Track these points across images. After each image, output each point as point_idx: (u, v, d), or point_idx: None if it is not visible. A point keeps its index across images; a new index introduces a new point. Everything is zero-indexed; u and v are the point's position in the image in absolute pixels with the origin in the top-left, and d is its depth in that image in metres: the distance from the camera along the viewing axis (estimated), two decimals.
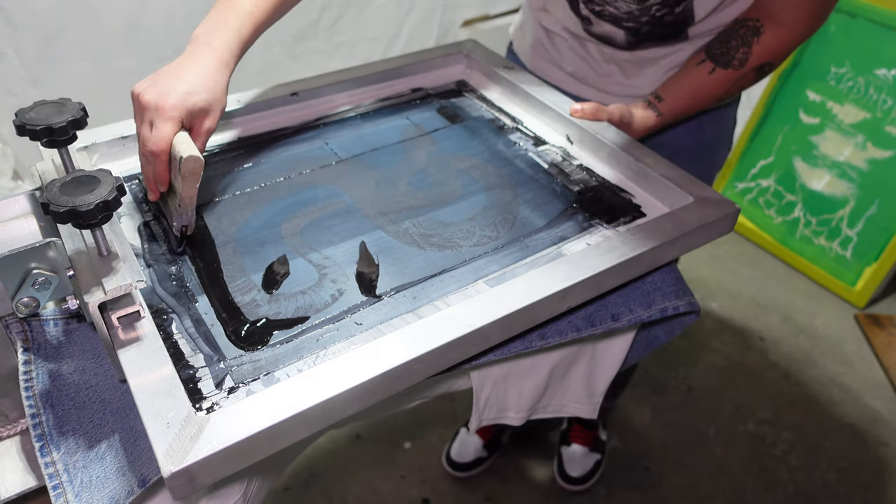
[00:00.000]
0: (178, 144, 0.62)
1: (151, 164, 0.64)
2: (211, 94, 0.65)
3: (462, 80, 0.98)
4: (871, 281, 1.92)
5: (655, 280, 0.72)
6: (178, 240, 0.66)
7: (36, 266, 0.49)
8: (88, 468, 0.50)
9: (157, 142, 0.62)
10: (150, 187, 0.67)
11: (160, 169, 0.64)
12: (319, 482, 1.47)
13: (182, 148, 0.61)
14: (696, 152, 1.01)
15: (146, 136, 0.63)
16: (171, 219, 0.67)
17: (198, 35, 0.69)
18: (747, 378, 1.75)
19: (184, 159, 0.60)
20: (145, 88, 0.64)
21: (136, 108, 0.65)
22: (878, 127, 1.88)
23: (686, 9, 0.83)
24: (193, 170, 0.61)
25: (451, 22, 2.07)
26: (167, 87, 0.63)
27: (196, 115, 0.65)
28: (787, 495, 1.50)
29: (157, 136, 0.62)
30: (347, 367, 0.51)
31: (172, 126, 0.62)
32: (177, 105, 0.62)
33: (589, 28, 0.91)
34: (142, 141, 0.64)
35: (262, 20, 0.71)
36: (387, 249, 0.68)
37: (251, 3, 0.70)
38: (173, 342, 0.57)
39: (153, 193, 0.68)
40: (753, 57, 0.84)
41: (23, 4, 1.39)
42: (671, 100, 0.86)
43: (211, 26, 0.69)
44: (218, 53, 0.67)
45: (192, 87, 0.64)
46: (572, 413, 0.85)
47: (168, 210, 0.67)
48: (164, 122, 0.62)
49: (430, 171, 0.79)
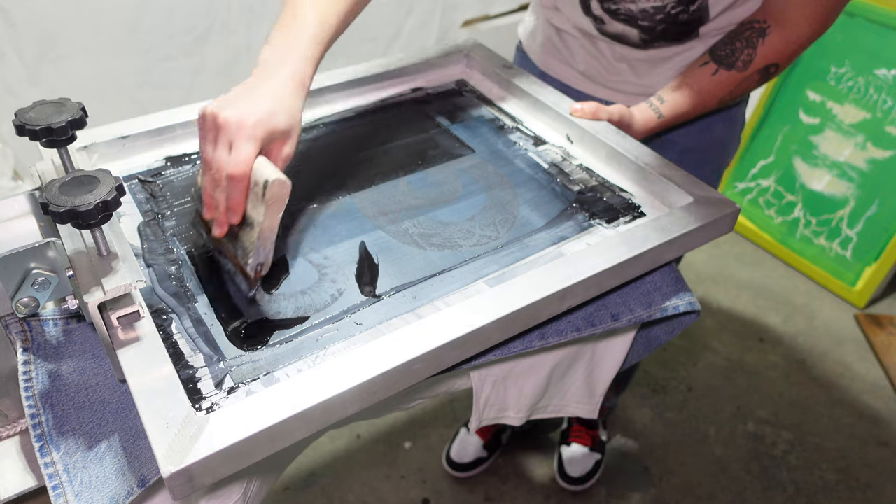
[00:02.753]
0: (258, 168, 0.56)
1: (226, 191, 0.57)
2: (291, 116, 0.60)
3: (462, 80, 0.98)
4: (871, 281, 1.93)
5: (655, 280, 0.72)
6: (252, 281, 0.57)
7: (36, 266, 0.49)
8: (88, 468, 0.50)
9: (238, 163, 0.55)
10: (218, 220, 0.59)
11: (238, 196, 0.56)
12: (319, 482, 1.47)
13: (265, 171, 0.55)
14: (706, 152, 1.01)
15: (223, 159, 0.56)
16: (242, 256, 0.57)
17: (267, 59, 0.63)
18: (747, 378, 1.75)
19: (270, 183, 0.53)
20: (221, 107, 0.57)
21: (208, 128, 0.58)
22: (878, 127, 1.88)
23: (701, 7, 0.83)
24: (280, 195, 0.54)
25: (451, 22, 2.07)
26: (247, 106, 0.57)
27: (277, 138, 0.59)
28: (787, 495, 1.50)
29: (239, 157, 0.55)
30: (347, 367, 0.51)
31: (255, 147, 0.56)
32: (259, 123, 0.57)
33: (602, 27, 0.91)
34: (217, 165, 0.57)
35: (331, 34, 0.67)
36: (387, 249, 0.68)
37: (318, 22, 0.65)
38: (173, 342, 0.57)
39: (221, 227, 0.59)
40: (758, 59, 0.84)
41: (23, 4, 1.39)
42: (673, 101, 0.86)
43: (280, 49, 0.63)
44: (293, 74, 0.61)
45: (273, 107, 0.58)
46: (572, 413, 0.85)
47: (237, 246, 0.58)
48: (245, 142, 0.56)
49: (430, 171, 0.79)
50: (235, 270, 0.59)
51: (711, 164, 1.03)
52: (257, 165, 0.56)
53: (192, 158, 0.78)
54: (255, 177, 0.56)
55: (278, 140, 0.59)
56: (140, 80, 1.63)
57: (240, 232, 0.58)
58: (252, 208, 0.57)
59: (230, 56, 1.72)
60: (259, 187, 0.55)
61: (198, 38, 1.65)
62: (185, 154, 0.79)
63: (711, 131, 0.99)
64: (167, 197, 0.73)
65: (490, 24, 2.14)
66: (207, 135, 0.59)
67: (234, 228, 0.59)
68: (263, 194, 0.54)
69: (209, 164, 0.58)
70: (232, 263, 0.59)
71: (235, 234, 0.59)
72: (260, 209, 0.55)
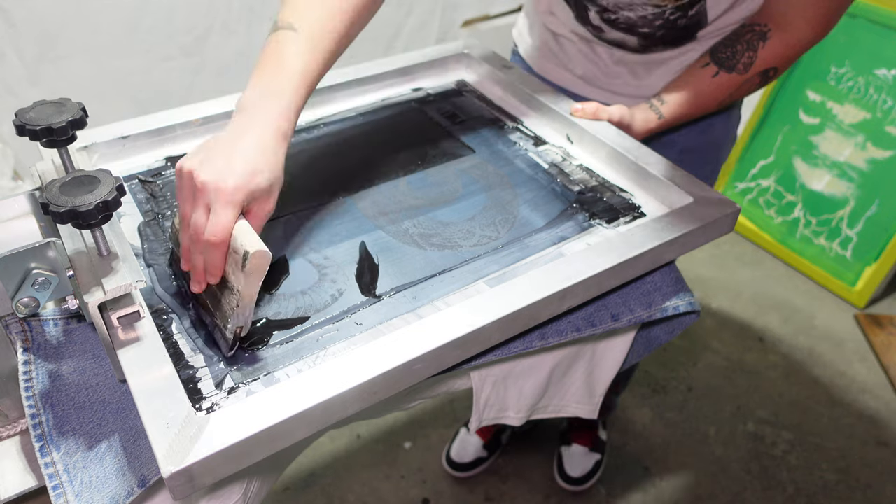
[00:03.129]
0: (239, 235, 0.53)
1: (204, 254, 0.55)
2: (272, 172, 0.56)
3: (462, 80, 0.98)
4: (871, 281, 1.93)
5: (655, 280, 0.72)
6: (231, 343, 0.55)
7: (36, 266, 0.49)
8: (88, 468, 0.50)
9: (216, 232, 0.53)
10: (196, 278, 0.57)
11: (217, 261, 0.54)
12: (319, 482, 1.47)
13: (246, 240, 0.53)
14: (706, 151, 1.01)
15: (200, 224, 0.54)
16: (221, 317, 0.56)
17: (246, 104, 0.59)
18: (747, 378, 1.75)
19: (250, 255, 0.51)
20: (198, 166, 0.54)
21: (185, 187, 0.55)
22: (878, 127, 1.88)
23: (699, 11, 0.83)
24: (260, 266, 0.52)
25: (451, 22, 2.07)
26: (226, 166, 0.54)
27: (257, 197, 0.56)
28: (787, 495, 1.50)
29: (218, 224, 0.53)
30: (347, 367, 0.51)
31: (234, 212, 0.54)
32: (240, 187, 0.53)
33: (600, 35, 0.91)
34: (195, 228, 0.54)
35: (314, 78, 0.62)
36: (387, 249, 0.68)
37: (301, 63, 0.61)
38: (173, 342, 0.57)
39: (198, 285, 0.57)
40: (759, 62, 0.84)
41: (23, 4, 1.39)
42: (673, 102, 0.86)
43: (261, 94, 0.59)
44: (275, 124, 0.58)
45: (253, 165, 0.55)
46: (572, 413, 0.85)
47: (217, 305, 0.57)
48: (224, 207, 0.53)
49: (430, 172, 0.79)
50: (214, 326, 0.58)
51: (711, 164, 1.04)
52: (237, 232, 0.54)
53: None
54: (235, 244, 0.54)
55: (259, 200, 0.56)
56: (140, 80, 1.63)
57: (220, 294, 0.57)
58: (232, 273, 0.55)
59: (230, 56, 1.72)
60: (239, 256, 0.53)
61: (198, 38, 1.65)
62: (185, 154, 0.79)
63: (711, 131, 0.99)
64: (167, 197, 0.73)
65: (490, 24, 2.14)
66: (184, 193, 0.56)
67: (212, 288, 0.57)
68: (244, 265, 0.53)
69: (186, 223, 0.56)
70: (210, 319, 0.58)
71: (213, 292, 0.57)
72: (240, 277, 0.53)
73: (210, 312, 0.58)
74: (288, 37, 0.62)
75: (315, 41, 0.62)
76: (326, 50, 0.63)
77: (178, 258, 0.60)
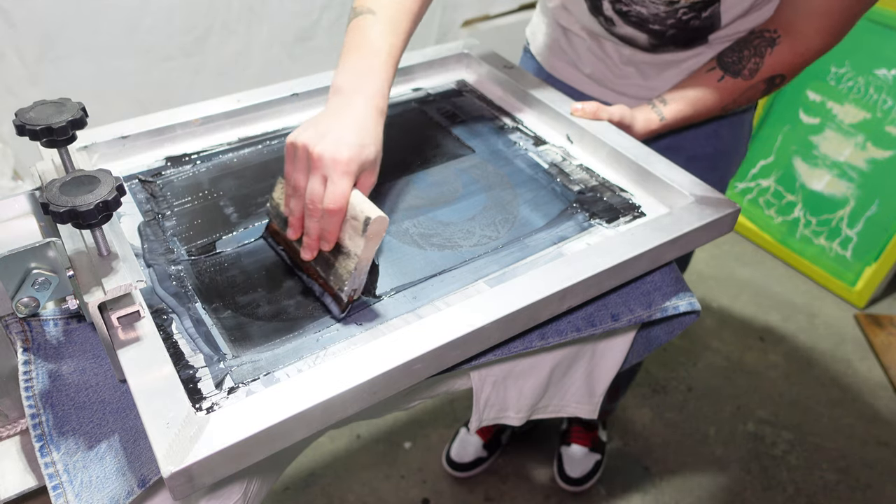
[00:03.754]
0: (356, 203, 0.58)
1: (321, 222, 0.59)
2: (376, 146, 0.61)
3: (462, 80, 0.98)
4: (871, 281, 1.93)
5: (655, 280, 0.72)
6: (344, 305, 0.59)
7: (36, 266, 0.49)
8: (88, 468, 0.50)
9: (335, 199, 0.57)
10: (309, 245, 0.60)
11: (334, 227, 0.58)
12: (319, 482, 1.47)
13: (363, 206, 0.57)
14: (713, 159, 1.00)
15: (317, 193, 0.58)
16: (335, 282, 0.60)
17: (342, 85, 0.64)
18: (747, 378, 1.76)
19: (372, 220, 0.56)
20: (313, 140, 0.59)
21: (300, 158, 0.60)
22: (878, 127, 1.88)
23: (713, 14, 0.83)
24: (379, 231, 0.56)
25: (451, 22, 2.07)
26: (339, 140, 0.58)
27: (366, 169, 0.60)
28: (787, 495, 1.50)
29: (336, 192, 0.57)
30: (347, 367, 0.51)
31: (350, 181, 0.58)
32: (353, 158, 0.58)
33: (612, 29, 0.90)
34: (312, 197, 0.58)
35: (398, 57, 0.68)
36: (387, 249, 0.68)
37: (387, 43, 0.67)
38: (173, 342, 0.57)
39: (310, 252, 0.61)
40: (765, 68, 0.83)
41: (23, 4, 1.39)
42: (676, 105, 0.86)
43: (355, 74, 0.64)
44: (373, 102, 0.63)
45: (361, 138, 0.59)
46: (572, 413, 0.85)
47: (330, 272, 0.60)
48: (341, 177, 0.57)
49: (430, 171, 0.79)
50: (323, 292, 0.61)
51: (719, 171, 1.03)
52: (354, 200, 0.58)
53: (191, 158, 0.78)
54: (353, 211, 0.58)
55: (367, 171, 0.61)
56: (140, 80, 1.63)
57: (332, 258, 0.60)
58: (348, 239, 0.59)
59: (230, 56, 1.72)
60: (359, 222, 0.57)
61: (198, 38, 1.65)
62: (185, 154, 0.79)
63: (718, 138, 0.99)
64: (167, 197, 0.73)
65: (490, 24, 2.14)
66: (299, 164, 0.60)
67: (325, 254, 0.61)
68: (364, 229, 0.57)
69: (300, 193, 0.60)
70: (318, 285, 0.62)
71: (325, 258, 0.61)
72: (358, 241, 0.58)
73: (317, 278, 0.62)
74: (369, 20, 0.68)
75: (395, 22, 0.68)
76: (405, 29, 0.69)
77: (276, 231, 0.66)
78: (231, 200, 0.73)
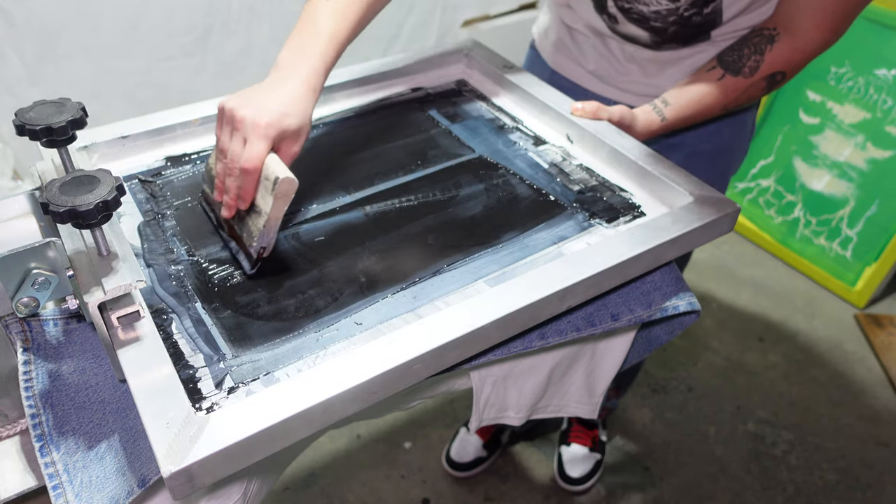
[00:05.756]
0: (270, 164, 0.62)
1: (238, 181, 0.63)
2: (301, 118, 0.65)
3: (462, 80, 0.98)
4: (871, 281, 1.93)
5: (655, 280, 0.72)
6: (255, 261, 0.63)
7: (36, 266, 0.49)
8: (88, 468, 0.50)
9: (250, 159, 0.61)
10: (228, 204, 0.65)
11: (248, 186, 0.62)
12: (319, 482, 1.47)
13: (276, 168, 0.61)
14: (714, 156, 1.00)
15: (236, 153, 0.62)
16: (247, 238, 0.64)
17: (282, 61, 0.69)
18: (747, 378, 1.76)
19: (280, 180, 0.59)
20: (239, 105, 0.63)
21: (225, 122, 0.64)
22: (878, 127, 1.88)
23: (715, 10, 0.83)
24: (287, 191, 0.60)
25: (451, 22, 2.07)
26: (262, 106, 0.63)
27: (286, 137, 0.64)
28: (787, 495, 1.50)
29: (252, 153, 0.61)
30: (347, 367, 0.51)
31: (266, 144, 0.62)
32: (272, 124, 0.62)
33: (614, 27, 0.91)
34: (231, 157, 0.63)
35: (343, 41, 0.71)
36: (387, 249, 0.68)
37: (332, 26, 0.70)
38: (173, 342, 0.57)
39: (228, 210, 0.65)
40: (765, 66, 0.83)
41: (23, 4, 1.39)
42: (677, 105, 0.86)
43: (295, 52, 0.69)
44: (306, 79, 0.67)
45: (285, 108, 0.64)
46: (572, 413, 0.85)
47: (244, 229, 0.65)
48: (258, 139, 0.62)
49: (430, 171, 0.79)
50: (238, 249, 0.65)
51: (718, 169, 1.03)
52: (268, 161, 0.62)
53: (191, 158, 0.78)
54: (266, 172, 0.62)
55: (288, 139, 0.65)
56: (140, 80, 1.63)
57: (247, 217, 0.64)
58: (261, 198, 0.63)
59: (230, 56, 1.72)
60: (269, 182, 0.61)
61: (198, 38, 1.65)
62: (185, 154, 0.79)
63: (719, 136, 0.99)
64: (167, 197, 0.73)
65: (490, 24, 2.14)
66: (224, 127, 0.65)
67: (241, 212, 0.65)
68: (273, 188, 0.60)
69: (224, 154, 0.65)
70: (235, 242, 0.66)
71: (242, 217, 0.65)
72: (268, 200, 0.61)
73: (235, 236, 0.66)
74: (320, 3, 0.72)
75: (344, 8, 0.72)
76: (354, 15, 0.73)
77: (209, 198, 0.70)
78: None
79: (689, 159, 0.93)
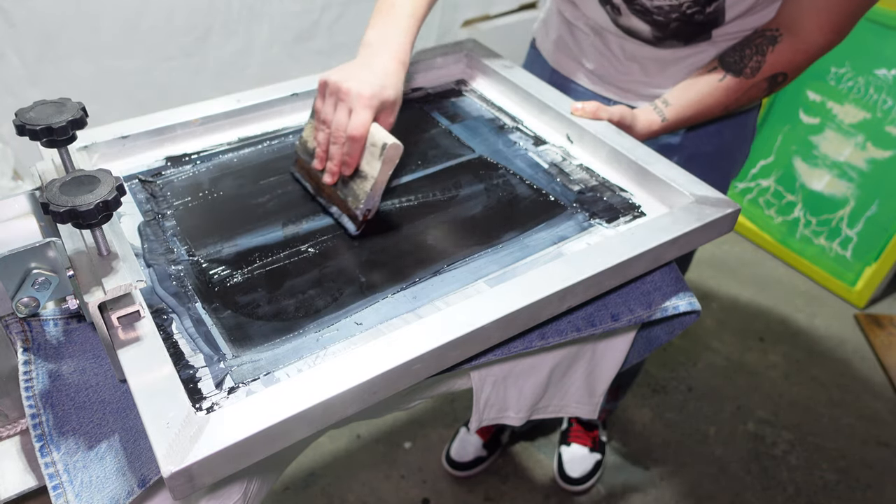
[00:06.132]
0: (375, 132, 0.67)
1: (345, 148, 0.68)
2: (396, 90, 0.71)
3: (462, 80, 0.98)
4: (871, 281, 1.93)
5: (655, 280, 0.72)
6: (360, 222, 0.68)
7: (36, 266, 0.49)
8: (88, 468, 0.50)
9: (357, 126, 0.67)
10: (331, 170, 0.70)
11: (355, 153, 0.68)
12: (319, 482, 1.47)
13: (381, 135, 0.67)
14: (715, 157, 1.00)
15: (342, 122, 0.68)
16: (353, 202, 0.69)
17: (371, 39, 0.76)
18: (747, 378, 1.76)
19: (388, 145, 0.65)
20: (343, 78, 0.69)
21: (328, 93, 0.70)
22: (878, 127, 1.88)
23: (717, 9, 0.83)
24: (394, 156, 0.66)
25: (451, 22, 2.07)
26: (363, 79, 0.69)
27: (384, 108, 0.70)
28: (787, 495, 1.50)
29: (358, 121, 0.67)
30: (347, 367, 0.51)
31: (371, 114, 0.68)
32: (375, 94, 0.68)
33: (617, 19, 0.90)
34: (337, 126, 0.68)
35: (420, 18, 0.79)
36: (387, 249, 0.68)
37: (410, 4, 0.78)
38: (173, 342, 0.57)
39: (333, 176, 0.70)
40: (766, 66, 0.83)
41: (23, 4, 1.39)
42: (677, 105, 0.86)
43: (381, 31, 0.76)
44: (396, 55, 0.73)
45: (383, 80, 0.70)
46: (572, 413, 0.85)
47: (348, 193, 0.69)
48: (364, 109, 0.67)
49: (430, 171, 0.79)
50: (340, 213, 0.70)
51: (720, 171, 1.03)
52: (373, 129, 0.68)
53: (191, 158, 0.78)
54: (372, 139, 0.67)
55: (386, 110, 0.71)
56: (140, 80, 1.63)
57: (350, 182, 0.69)
58: (366, 163, 0.68)
59: (230, 56, 1.72)
60: (377, 148, 0.67)
61: (198, 38, 1.65)
62: (185, 154, 0.79)
63: (720, 137, 0.98)
64: (167, 197, 0.73)
65: (490, 24, 2.14)
66: (328, 99, 0.70)
67: (345, 178, 0.70)
68: (381, 154, 0.66)
69: (327, 124, 0.70)
70: (337, 207, 0.71)
71: (346, 182, 0.70)
72: (375, 165, 0.66)
73: (338, 201, 0.70)
74: None
75: None
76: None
77: (302, 164, 0.75)
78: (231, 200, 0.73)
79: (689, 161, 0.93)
